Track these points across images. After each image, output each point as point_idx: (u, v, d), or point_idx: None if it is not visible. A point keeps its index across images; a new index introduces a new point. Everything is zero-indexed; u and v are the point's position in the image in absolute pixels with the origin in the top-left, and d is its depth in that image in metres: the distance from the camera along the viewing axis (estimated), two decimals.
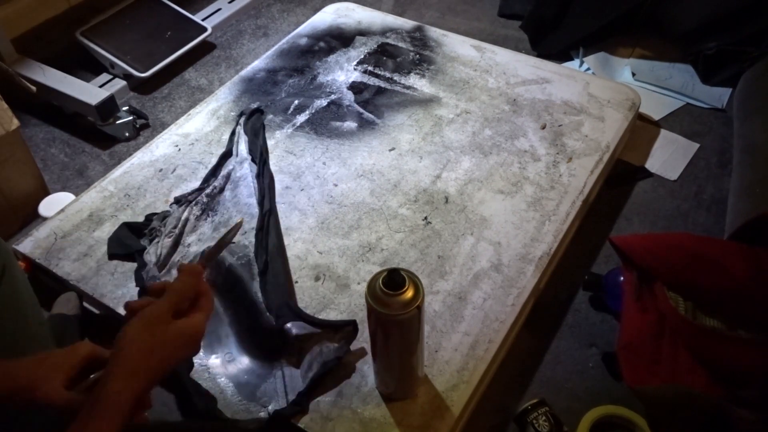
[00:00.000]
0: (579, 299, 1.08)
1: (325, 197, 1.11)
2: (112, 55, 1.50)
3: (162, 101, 1.51)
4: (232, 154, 1.18)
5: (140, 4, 1.62)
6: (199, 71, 1.59)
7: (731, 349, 0.88)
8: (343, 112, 1.27)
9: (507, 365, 0.96)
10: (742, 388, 0.85)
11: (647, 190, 1.26)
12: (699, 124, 1.39)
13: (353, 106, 1.28)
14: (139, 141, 1.41)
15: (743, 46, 1.39)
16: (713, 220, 1.20)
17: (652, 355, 0.90)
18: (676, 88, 1.46)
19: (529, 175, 1.13)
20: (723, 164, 1.30)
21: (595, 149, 1.17)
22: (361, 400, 0.84)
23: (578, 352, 1.01)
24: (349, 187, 1.12)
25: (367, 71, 1.36)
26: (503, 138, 1.20)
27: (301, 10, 1.80)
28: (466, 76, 1.34)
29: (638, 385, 0.87)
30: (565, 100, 1.27)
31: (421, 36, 1.45)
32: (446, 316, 0.93)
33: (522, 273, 0.98)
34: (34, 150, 1.36)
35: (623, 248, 0.96)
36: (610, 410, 0.92)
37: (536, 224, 1.05)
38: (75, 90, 1.36)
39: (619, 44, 1.58)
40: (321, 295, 0.96)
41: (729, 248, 0.95)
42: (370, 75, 1.35)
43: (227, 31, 1.72)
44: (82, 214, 1.09)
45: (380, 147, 1.19)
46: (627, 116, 1.24)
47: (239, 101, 1.30)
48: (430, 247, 1.02)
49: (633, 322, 0.92)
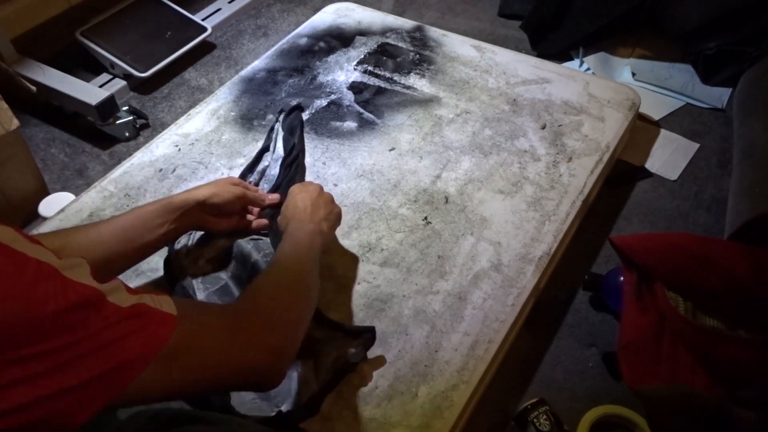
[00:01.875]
0: (579, 299, 1.08)
1: None
2: (112, 55, 1.50)
3: (162, 101, 1.51)
4: (269, 150, 1.18)
5: (140, 4, 1.62)
6: (199, 71, 1.59)
7: (731, 349, 0.88)
8: (343, 112, 1.27)
9: (507, 365, 0.96)
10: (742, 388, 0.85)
11: (647, 190, 1.26)
12: (699, 124, 1.39)
13: (353, 106, 1.28)
14: (139, 141, 1.41)
15: (743, 46, 1.39)
16: (713, 220, 1.20)
17: (652, 355, 0.90)
18: (676, 88, 1.46)
19: (529, 175, 1.13)
20: (723, 164, 1.30)
21: (595, 149, 1.17)
22: (361, 400, 0.84)
23: (578, 352, 1.01)
24: (349, 187, 1.12)
25: (367, 71, 1.36)
26: (503, 138, 1.20)
27: (301, 10, 1.80)
28: (466, 76, 1.34)
29: (638, 385, 0.87)
30: (565, 100, 1.27)
31: (421, 36, 1.45)
32: (446, 316, 0.93)
33: (522, 273, 0.98)
34: (34, 150, 1.36)
35: (623, 248, 0.96)
36: (610, 410, 0.92)
37: (536, 224, 1.05)
38: (75, 90, 1.36)
39: (619, 44, 1.58)
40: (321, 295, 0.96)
41: (729, 248, 0.95)
42: (370, 75, 1.35)
43: (227, 31, 1.72)
44: (82, 214, 1.09)
45: (380, 147, 1.19)
46: (627, 116, 1.24)
47: (239, 101, 1.30)
48: (430, 247, 1.02)
49: (633, 322, 0.92)
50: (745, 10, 1.38)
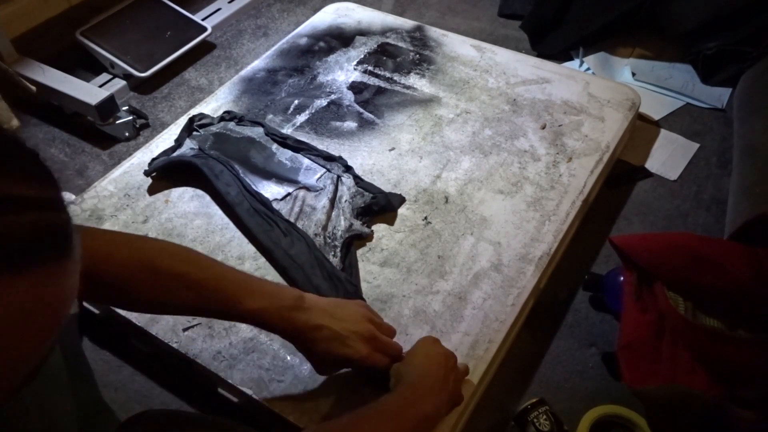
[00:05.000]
0: (579, 299, 1.08)
1: None
2: (112, 55, 1.50)
3: (162, 101, 1.51)
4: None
5: (140, 4, 1.62)
6: (199, 71, 1.59)
7: (731, 349, 0.88)
8: (343, 112, 1.27)
9: (507, 365, 0.96)
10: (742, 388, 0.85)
11: (647, 190, 1.26)
12: (699, 124, 1.39)
13: (353, 106, 1.28)
14: (139, 141, 1.41)
15: (743, 46, 1.39)
16: (713, 220, 1.20)
17: (652, 355, 0.90)
18: (676, 88, 1.46)
19: (529, 175, 1.13)
20: (723, 164, 1.30)
21: (595, 149, 1.17)
22: (361, 400, 0.83)
23: (578, 352, 1.01)
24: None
25: (367, 71, 1.36)
26: (503, 138, 1.20)
27: (301, 10, 1.80)
28: (466, 76, 1.34)
29: (638, 385, 0.87)
30: (565, 100, 1.27)
31: (421, 36, 1.45)
32: (446, 316, 0.93)
33: (522, 273, 0.98)
34: None
35: (623, 248, 0.96)
36: (610, 410, 0.92)
37: (536, 224, 1.05)
38: (75, 90, 1.36)
39: (619, 44, 1.58)
40: None
41: (729, 248, 0.95)
42: (370, 75, 1.35)
43: (227, 31, 1.72)
44: (82, 214, 1.09)
45: (380, 147, 1.19)
46: (627, 116, 1.24)
47: (239, 101, 1.30)
48: (430, 247, 1.02)
49: (633, 322, 0.92)
50: (745, 10, 1.38)
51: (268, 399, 0.84)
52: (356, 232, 1.02)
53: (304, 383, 0.85)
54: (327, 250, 0.99)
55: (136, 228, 1.06)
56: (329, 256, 0.98)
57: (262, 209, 1.03)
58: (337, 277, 0.94)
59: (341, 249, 1.00)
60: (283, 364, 0.88)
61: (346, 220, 1.04)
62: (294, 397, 0.84)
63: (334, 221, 1.03)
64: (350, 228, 1.03)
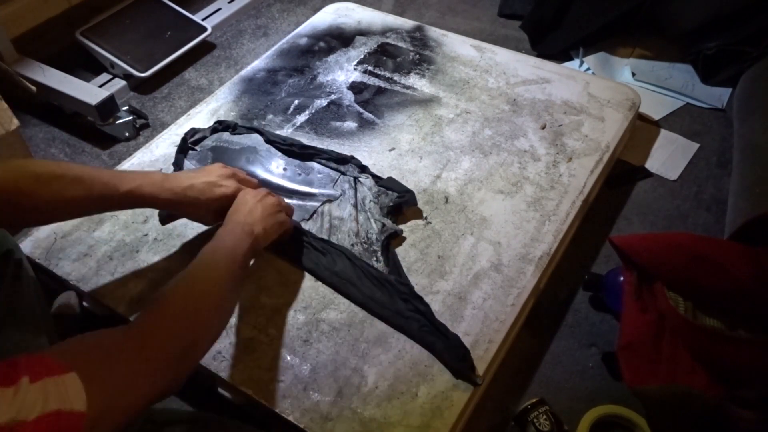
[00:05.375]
0: (579, 299, 1.08)
1: None
2: (112, 54, 1.50)
3: (162, 101, 1.51)
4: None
5: (140, 4, 1.62)
6: (199, 71, 1.59)
7: (731, 349, 0.88)
8: (343, 112, 1.27)
9: (507, 365, 0.96)
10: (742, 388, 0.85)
11: (647, 190, 1.26)
12: (699, 124, 1.39)
13: (353, 106, 1.28)
14: (139, 141, 1.41)
15: (743, 46, 1.39)
16: (713, 220, 1.20)
17: (652, 355, 0.90)
18: (676, 88, 1.46)
19: (529, 175, 1.13)
20: (723, 164, 1.30)
21: (595, 149, 1.17)
22: (361, 400, 0.84)
23: (578, 352, 1.01)
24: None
25: (367, 71, 1.36)
26: (503, 138, 1.20)
27: (301, 10, 1.80)
28: (466, 76, 1.34)
29: (638, 385, 0.87)
30: (565, 100, 1.27)
31: (421, 36, 1.45)
32: (446, 316, 0.92)
33: (522, 273, 0.98)
34: (34, 150, 1.36)
35: (623, 248, 0.96)
36: (610, 410, 0.92)
37: (536, 224, 1.05)
38: (75, 90, 1.36)
39: (619, 44, 1.58)
40: (321, 295, 0.96)
41: (729, 248, 0.95)
42: (370, 75, 1.35)
43: (227, 31, 1.72)
44: None
45: (380, 147, 1.19)
46: (627, 116, 1.24)
47: (239, 101, 1.30)
48: (430, 247, 1.02)
49: (633, 322, 0.92)
50: (745, 10, 1.38)
51: (268, 399, 0.85)
52: (390, 231, 1.01)
53: (304, 383, 0.85)
54: (368, 257, 0.98)
55: (136, 228, 1.06)
56: (372, 261, 0.98)
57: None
58: (387, 282, 0.94)
59: (381, 253, 0.99)
60: (283, 364, 0.88)
61: (377, 221, 1.03)
62: (294, 397, 0.84)
63: (364, 225, 1.02)
64: (383, 229, 1.02)
